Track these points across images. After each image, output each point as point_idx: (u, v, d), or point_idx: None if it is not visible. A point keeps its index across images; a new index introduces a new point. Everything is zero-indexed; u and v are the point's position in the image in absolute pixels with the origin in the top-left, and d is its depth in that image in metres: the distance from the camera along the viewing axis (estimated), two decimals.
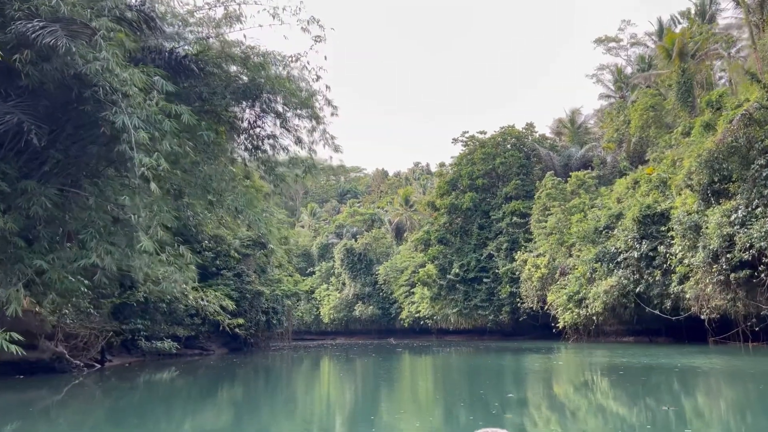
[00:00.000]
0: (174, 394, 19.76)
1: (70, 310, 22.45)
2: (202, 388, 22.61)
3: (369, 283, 75.60)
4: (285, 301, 45.13)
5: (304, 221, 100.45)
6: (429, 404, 15.83)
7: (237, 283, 37.74)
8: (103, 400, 17.15)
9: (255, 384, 24.06)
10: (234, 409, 16.26)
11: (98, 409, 15.29)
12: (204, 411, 15.62)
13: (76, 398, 16.75)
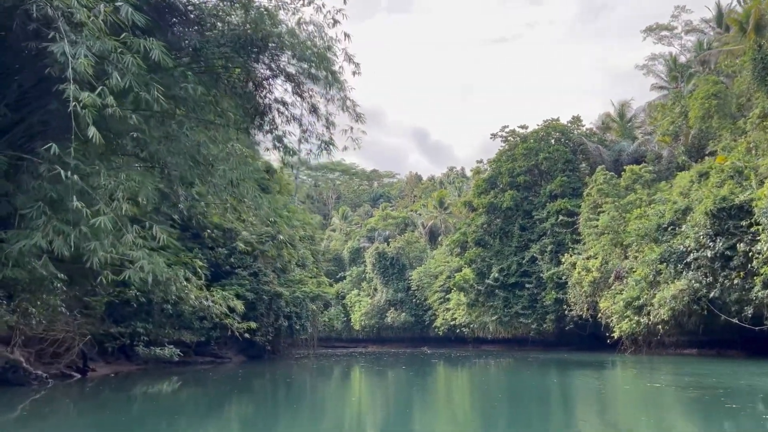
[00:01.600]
0: (152, 413, 15.48)
1: (40, 309, 18.40)
2: (196, 404, 18.25)
3: (402, 289, 70.94)
4: (309, 305, 40.74)
5: (336, 225, 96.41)
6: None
7: (253, 283, 33.50)
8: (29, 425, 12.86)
9: (262, 401, 19.68)
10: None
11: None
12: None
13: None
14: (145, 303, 27.85)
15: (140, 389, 21.45)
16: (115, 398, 18.37)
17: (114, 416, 14.82)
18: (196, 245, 32.29)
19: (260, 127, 18.94)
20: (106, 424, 13.71)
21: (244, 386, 24.36)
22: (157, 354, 26.37)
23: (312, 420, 15.12)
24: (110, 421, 14.15)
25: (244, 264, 33.98)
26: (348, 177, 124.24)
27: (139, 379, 24.45)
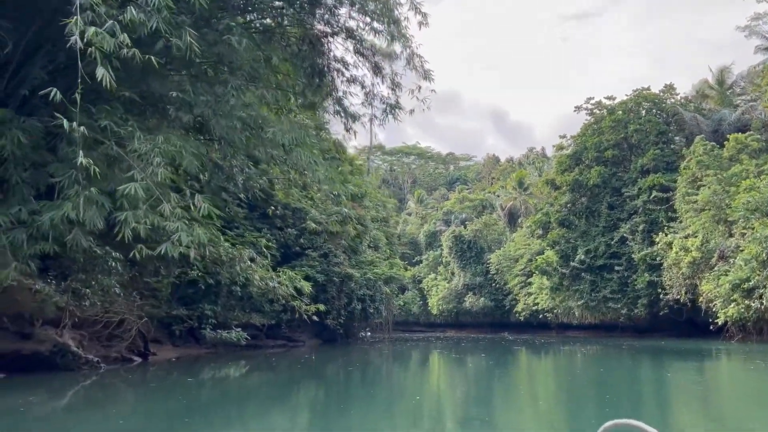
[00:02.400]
0: (204, 399, 14.00)
1: (94, 290, 17.39)
2: (260, 390, 16.76)
3: (480, 273, 68.16)
4: (383, 288, 38.99)
5: (411, 209, 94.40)
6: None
7: (323, 264, 31.98)
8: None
9: (333, 387, 17.96)
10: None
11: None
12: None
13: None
14: (213, 285, 26.82)
15: (201, 374, 20.27)
16: (171, 383, 17.16)
17: (167, 403, 13.45)
18: (265, 225, 31.08)
19: (318, 89, 17.05)
20: (157, 412, 12.32)
21: (315, 371, 22.85)
22: (223, 337, 25.28)
23: (385, 410, 13.22)
24: (160, 408, 12.76)
25: (314, 245, 32.50)
26: (423, 161, 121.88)
27: (203, 363, 23.40)
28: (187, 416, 11.86)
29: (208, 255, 23.81)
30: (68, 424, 11.00)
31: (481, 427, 10.81)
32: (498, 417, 12.09)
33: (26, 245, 12.16)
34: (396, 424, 11.39)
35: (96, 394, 14.62)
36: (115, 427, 10.58)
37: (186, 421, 11.22)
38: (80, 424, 10.69)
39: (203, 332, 25.65)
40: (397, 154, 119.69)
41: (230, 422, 11.59)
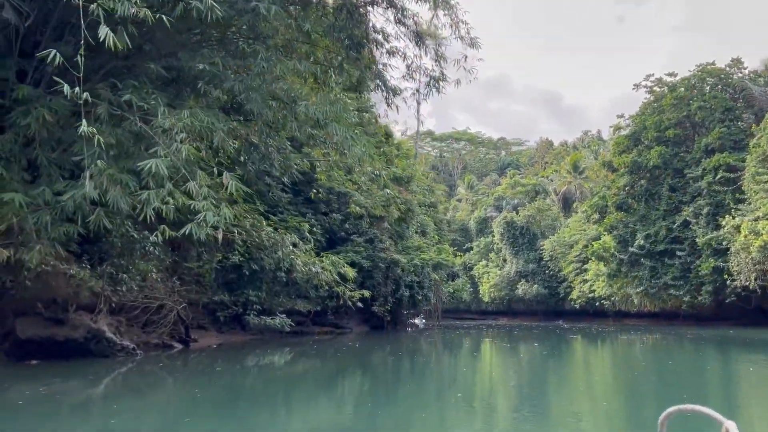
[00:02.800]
0: (245, 392, 13.30)
1: (132, 275, 16.96)
2: (303, 380, 16.04)
3: (533, 260, 66.18)
4: (431, 274, 37.90)
5: (461, 194, 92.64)
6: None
7: (369, 250, 31.13)
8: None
9: (379, 376, 17.09)
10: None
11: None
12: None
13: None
14: (258, 271, 26.32)
15: (244, 360, 19.72)
16: (212, 370, 16.60)
17: (208, 390, 12.82)
18: (309, 210, 30.42)
19: (356, 62, 16.02)
20: (197, 399, 11.69)
21: (361, 358, 22.06)
22: (267, 324, 24.75)
23: (432, 402, 12.24)
24: (202, 395, 12.14)
25: (360, 230, 31.67)
26: (474, 146, 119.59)
27: (247, 349, 22.92)
28: (229, 403, 11.20)
29: (250, 239, 23.41)
30: (105, 411, 10.44)
31: (534, 422, 9.71)
32: (553, 411, 10.93)
33: (50, 227, 11.64)
34: (443, 417, 10.40)
35: (133, 381, 14.15)
36: (153, 416, 9.99)
37: (230, 409, 10.53)
38: (117, 413, 10.08)
39: (247, 318, 25.19)
40: (446, 140, 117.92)
41: (275, 410, 10.89)
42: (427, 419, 10.16)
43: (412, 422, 9.90)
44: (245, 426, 9.10)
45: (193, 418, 9.78)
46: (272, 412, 10.77)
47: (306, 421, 10.12)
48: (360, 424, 9.80)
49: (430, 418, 10.27)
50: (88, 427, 9.25)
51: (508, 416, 10.60)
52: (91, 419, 9.78)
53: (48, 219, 11.57)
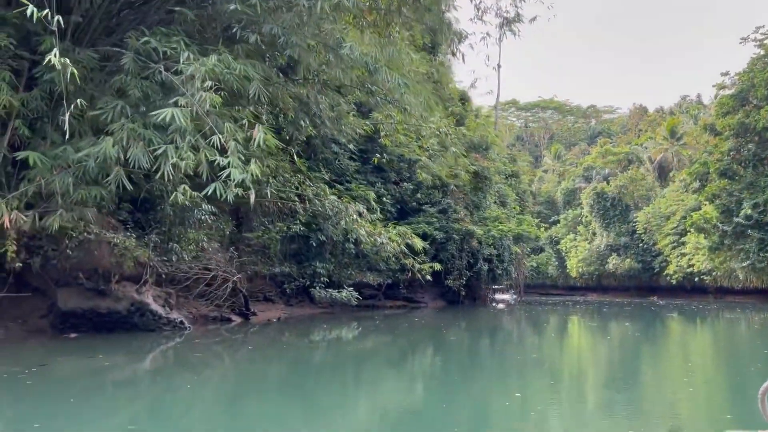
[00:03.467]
0: (308, 368, 12.04)
1: (183, 245, 16.10)
2: (371, 357, 14.72)
3: (625, 233, 62.02)
4: (511, 247, 35.60)
5: (547, 165, 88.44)
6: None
7: (442, 220, 29.33)
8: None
9: (452, 354, 15.49)
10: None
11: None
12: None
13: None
14: (325, 242, 25.21)
15: (307, 335, 18.63)
16: (269, 344, 15.61)
17: (267, 365, 11.72)
18: (379, 179, 28.94)
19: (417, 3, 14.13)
20: (252, 375, 10.62)
21: (433, 335, 20.50)
22: (333, 297, 23.60)
23: (508, 385, 10.55)
24: (257, 371, 11.06)
25: (432, 200, 29.90)
26: (561, 115, 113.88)
27: (314, 323, 21.89)
28: (288, 381, 10.12)
29: (313, 209, 22.24)
30: (151, 388, 9.49)
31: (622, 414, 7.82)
32: (645, 402, 8.94)
33: (72, 190, 10.69)
34: (524, 403, 8.72)
35: (181, 355, 13.28)
36: (204, 393, 8.94)
37: (289, 387, 9.43)
38: (166, 391, 9.10)
39: (312, 291, 24.17)
40: (532, 108, 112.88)
41: (338, 389, 9.65)
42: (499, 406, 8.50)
43: (487, 408, 8.31)
44: (309, 407, 8.02)
45: (249, 396, 8.73)
46: (336, 391, 9.50)
47: (374, 402, 8.90)
48: (432, 407, 8.44)
49: (502, 405, 8.59)
50: (136, 406, 8.26)
51: (594, 406, 8.74)
52: (138, 397, 8.80)
53: (70, 181, 10.62)
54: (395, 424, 7.49)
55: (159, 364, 12.15)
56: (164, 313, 14.73)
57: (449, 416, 7.66)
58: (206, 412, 7.91)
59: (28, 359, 11.12)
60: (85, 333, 13.78)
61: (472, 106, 40.63)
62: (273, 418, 7.36)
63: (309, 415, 7.69)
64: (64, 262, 13.55)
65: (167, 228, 15.55)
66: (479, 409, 8.40)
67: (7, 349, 12.09)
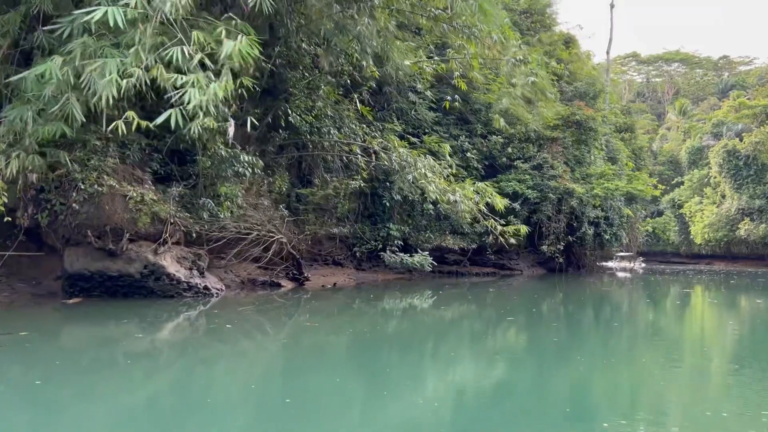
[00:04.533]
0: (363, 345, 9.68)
1: (222, 199, 14.10)
2: (446, 330, 12.12)
3: (760, 195, 54.19)
4: (622, 209, 31.11)
5: (671, 122, 79.81)
6: None
7: (536, 177, 25.63)
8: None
9: (541, 329, 12.56)
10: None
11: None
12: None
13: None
14: (401, 201, 22.61)
15: (366, 303, 16.21)
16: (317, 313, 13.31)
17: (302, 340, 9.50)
18: (463, 132, 25.70)
19: None
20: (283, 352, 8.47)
21: (524, 306, 17.43)
22: (405, 262, 20.99)
23: (607, 373, 7.86)
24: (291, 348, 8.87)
25: (525, 155, 26.24)
26: (689, 67, 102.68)
27: (379, 290, 19.45)
28: (341, 356, 7.92)
29: (379, 163, 19.60)
30: (130, 372, 7.58)
31: None
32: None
33: (31, 129, 8.71)
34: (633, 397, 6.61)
35: (198, 327, 11.31)
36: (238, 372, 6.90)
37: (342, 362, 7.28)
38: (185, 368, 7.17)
39: (382, 256, 21.69)
40: (655, 62, 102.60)
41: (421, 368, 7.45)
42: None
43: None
44: (371, 386, 6.60)
45: (293, 374, 7.06)
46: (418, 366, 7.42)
47: (445, 381, 7.19)
48: (518, 394, 6.83)
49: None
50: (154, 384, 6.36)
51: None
52: (105, 380, 6.85)
53: (29, 114, 8.63)
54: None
55: (183, 336, 10.19)
56: (185, 278, 12.81)
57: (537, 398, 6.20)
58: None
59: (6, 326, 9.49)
60: (95, 298, 12.17)
61: (579, 51, 35.87)
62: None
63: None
64: (71, 218, 11.89)
65: (195, 181, 13.55)
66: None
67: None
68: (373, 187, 22.23)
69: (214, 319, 11.64)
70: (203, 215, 13.50)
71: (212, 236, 14.05)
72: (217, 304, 12.98)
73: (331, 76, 18.91)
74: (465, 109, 24.75)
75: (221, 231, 14.16)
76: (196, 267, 13.37)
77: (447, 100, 21.90)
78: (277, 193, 17.90)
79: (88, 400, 5.80)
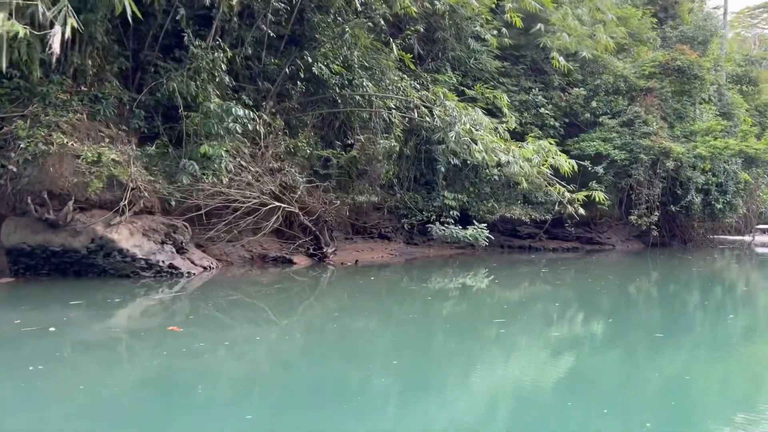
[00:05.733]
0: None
1: (208, 162, 11.70)
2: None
3: None
4: (739, 174, 25.82)
5: None
6: None
7: (625, 135, 21.29)
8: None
9: (619, 317, 9.38)
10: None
11: None
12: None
13: None
14: (459, 166, 19.41)
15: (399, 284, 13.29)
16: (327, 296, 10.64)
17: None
18: (537, 84, 21.82)
19: None
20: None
21: (599, 288, 13.93)
22: (456, 236, 17.82)
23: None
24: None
25: (613, 109, 21.89)
26: None
27: (420, 269, 16.42)
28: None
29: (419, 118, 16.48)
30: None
31: None
32: None
33: None
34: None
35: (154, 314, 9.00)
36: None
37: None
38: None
39: (430, 228, 18.63)
40: None
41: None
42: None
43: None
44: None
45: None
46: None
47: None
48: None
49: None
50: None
51: None
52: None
53: None
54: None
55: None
56: (143, 254, 10.52)
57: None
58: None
59: None
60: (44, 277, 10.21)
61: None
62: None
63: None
64: (12, 183, 9.94)
65: (174, 138, 11.24)
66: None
67: None
68: (427, 150, 19.19)
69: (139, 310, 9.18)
70: (182, 180, 11.16)
71: (193, 206, 11.70)
72: (190, 286, 10.60)
73: (366, 19, 15.98)
74: (538, 58, 20.88)
75: (208, 199, 11.74)
76: (172, 241, 11.11)
77: (492, 35, 18.14)
78: (301, 156, 15.34)
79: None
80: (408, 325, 8.59)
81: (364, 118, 16.61)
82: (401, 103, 16.19)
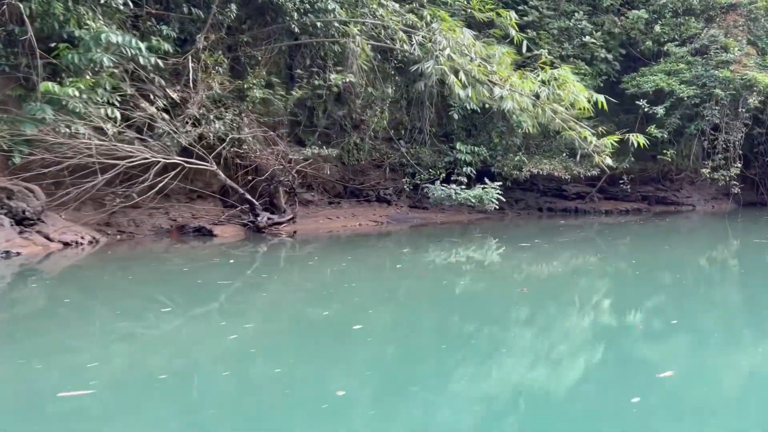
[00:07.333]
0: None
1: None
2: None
3: None
4: None
5: None
6: None
7: (697, 67, 16.20)
8: None
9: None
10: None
11: None
12: None
13: None
14: (479, 113, 15.47)
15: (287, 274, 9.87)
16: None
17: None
18: (582, 6, 17.12)
19: None
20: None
21: (679, 256, 10.34)
22: (456, 197, 14.08)
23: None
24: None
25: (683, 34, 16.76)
26: None
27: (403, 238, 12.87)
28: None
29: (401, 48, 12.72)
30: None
31: None
32: None
33: None
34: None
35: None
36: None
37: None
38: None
39: (426, 189, 14.98)
40: None
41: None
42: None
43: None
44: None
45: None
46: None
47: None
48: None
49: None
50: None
51: None
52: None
53: None
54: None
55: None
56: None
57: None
58: None
59: None
60: None
61: None
62: None
63: None
64: None
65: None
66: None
67: None
68: (440, 93, 15.39)
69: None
70: (25, 128, 8.41)
71: (48, 162, 8.94)
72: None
73: None
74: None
75: (61, 157, 8.83)
76: (6, 210, 8.41)
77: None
78: (251, 101, 12.21)
79: None
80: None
81: (336, 53, 13.16)
82: (376, 29, 12.55)
